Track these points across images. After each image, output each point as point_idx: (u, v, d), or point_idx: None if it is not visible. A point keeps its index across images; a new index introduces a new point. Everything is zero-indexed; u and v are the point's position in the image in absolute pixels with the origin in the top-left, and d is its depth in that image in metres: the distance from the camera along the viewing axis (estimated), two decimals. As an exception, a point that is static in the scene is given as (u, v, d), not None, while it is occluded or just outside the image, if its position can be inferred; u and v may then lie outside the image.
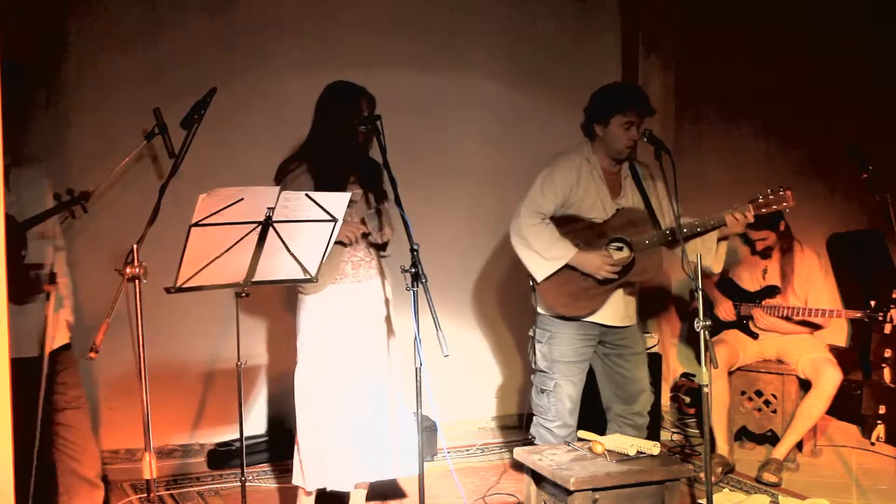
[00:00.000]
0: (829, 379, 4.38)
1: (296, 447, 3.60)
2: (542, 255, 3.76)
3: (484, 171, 5.14)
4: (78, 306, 3.51)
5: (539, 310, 3.93)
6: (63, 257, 3.34)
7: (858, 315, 4.42)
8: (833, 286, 4.70)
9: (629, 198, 3.89)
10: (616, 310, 3.87)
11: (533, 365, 3.98)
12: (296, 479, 3.62)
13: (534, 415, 4.01)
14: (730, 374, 4.62)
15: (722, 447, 4.48)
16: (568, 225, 3.84)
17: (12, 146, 3.05)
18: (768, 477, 4.28)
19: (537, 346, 3.92)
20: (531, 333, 3.98)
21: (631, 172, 3.92)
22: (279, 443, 4.51)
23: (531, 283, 3.89)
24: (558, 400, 3.87)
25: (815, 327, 4.60)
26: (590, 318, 3.85)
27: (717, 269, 3.88)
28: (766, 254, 4.64)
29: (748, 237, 4.57)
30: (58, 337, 3.23)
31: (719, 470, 4.37)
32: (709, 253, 3.78)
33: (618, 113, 3.74)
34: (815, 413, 4.41)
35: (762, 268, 4.68)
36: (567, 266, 3.78)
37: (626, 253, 3.82)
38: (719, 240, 3.85)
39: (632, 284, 3.90)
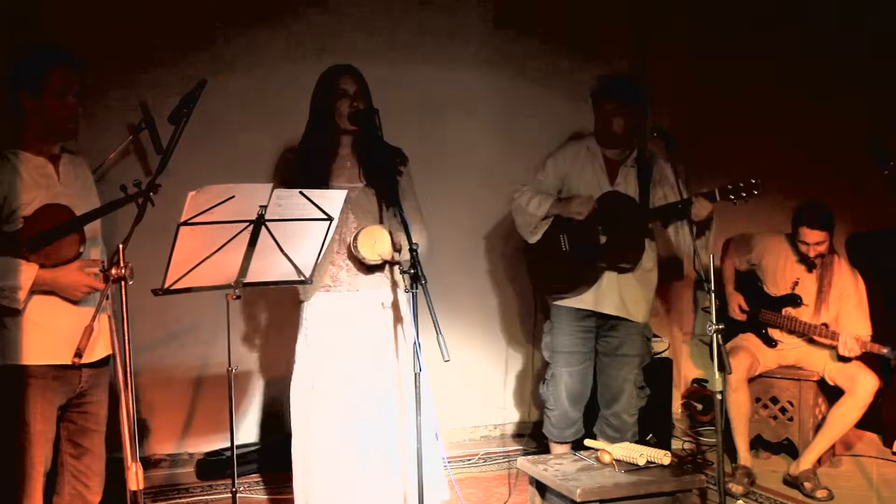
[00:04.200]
0: (864, 385, 4.24)
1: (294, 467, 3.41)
2: (527, 209, 3.99)
3: (486, 169, 5.08)
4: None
5: (548, 298, 4.12)
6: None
7: (884, 352, 4.20)
8: (865, 310, 4.46)
9: (626, 185, 4.01)
10: (607, 296, 3.95)
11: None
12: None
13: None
14: (750, 381, 4.48)
15: (745, 458, 4.38)
16: None
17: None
18: (820, 493, 4.14)
19: (543, 337, 4.18)
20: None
21: (637, 162, 4.04)
22: (272, 452, 4.41)
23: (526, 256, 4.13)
24: (556, 389, 4.07)
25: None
26: (580, 305, 3.98)
27: (704, 259, 3.78)
28: (813, 263, 4.38)
29: (803, 242, 4.29)
30: (104, 346, 2.98)
31: (746, 481, 4.28)
32: (682, 243, 3.93)
33: (602, 100, 3.97)
34: (849, 420, 4.28)
35: (794, 279, 4.46)
36: (554, 238, 3.96)
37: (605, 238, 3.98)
38: (703, 231, 3.85)
39: (630, 275, 3.96)
